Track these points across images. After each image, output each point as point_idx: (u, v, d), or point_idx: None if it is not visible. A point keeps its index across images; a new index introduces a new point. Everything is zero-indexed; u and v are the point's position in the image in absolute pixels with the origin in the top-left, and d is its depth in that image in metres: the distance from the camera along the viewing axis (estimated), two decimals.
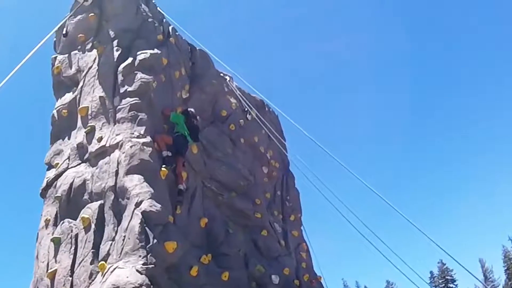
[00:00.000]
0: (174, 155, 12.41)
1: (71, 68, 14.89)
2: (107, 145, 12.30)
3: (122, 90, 13.10)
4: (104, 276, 10.05)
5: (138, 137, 12.08)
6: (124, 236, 10.37)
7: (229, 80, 17.14)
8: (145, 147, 11.78)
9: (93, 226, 11.23)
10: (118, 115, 12.74)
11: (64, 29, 15.42)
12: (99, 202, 11.56)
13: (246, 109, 16.67)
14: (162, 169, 11.80)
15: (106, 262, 10.34)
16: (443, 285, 58.42)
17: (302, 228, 17.19)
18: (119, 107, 12.86)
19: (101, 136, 12.55)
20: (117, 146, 12.09)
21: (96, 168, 12.19)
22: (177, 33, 16.00)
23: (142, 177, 11.24)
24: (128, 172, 11.37)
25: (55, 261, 11.44)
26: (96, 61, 14.15)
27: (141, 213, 10.41)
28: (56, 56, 15.62)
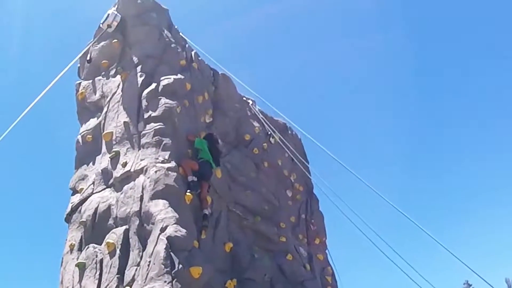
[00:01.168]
0: (199, 180, 12.40)
1: (95, 93, 15.03)
2: (132, 170, 12.33)
3: (146, 115, 13.17)
4: None
5: (162, 162, 12.09)
6: (149, 262, 10.32)
7: (251, 104, 17.17)
8: (169, 172, 11.77)
9: (118, 251, 11.19)
10: (143, 140, 12.78)
11: (88, 55, 15.57)
12: (124, 227, 11.54)
13: (269, 133, 16.66)
14: (187, 194, 11.78)
15: None
16: None
17: (327, 251, 17.04)
18: (143, 132, 12.91)
19: (126, 161, 12.59)
20: (142, 171, 12.11)
21: (121, 193, 12.20)
22: (199, 58, 16.09)
23: (167, 202, 11.21)
24: (153, 197, 11.36)
25: (80, 286, 11.40)
26: (120, 86, 14.27)
27: (166, 238, 10.36)
28: (80, 82, 15.77)
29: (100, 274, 11.22)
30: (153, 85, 13.68)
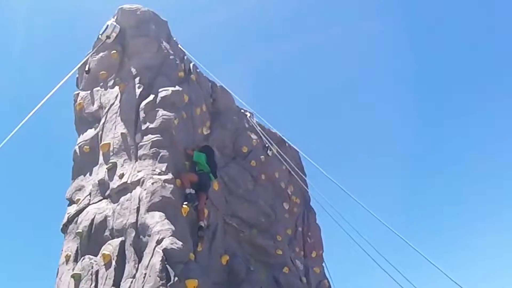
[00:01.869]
0: (197, 192, 12.41)
1: (93, 104, 15.04)
2: (129, 181, 12.31)
3: (143, 127, 13.19)
4: None
5: (159, 174, 12.09)
6: (145, 274, 10.28)
7: (249, 117, 17.19)
8: (166, 184, 11.77)
9: (113, 263, 11.16)
10: (140, 152, 12.79)
11: (87, 66, 15.61)
12: (120, 239, 11.50)
13: (266, 145, 16.66)
14: (184, 206, 11.78)
15: None
16: None
17: (323, 264, 16.99)
18: (140, 144, 12.92)
19: (123, 173, 12.58)
20: (139, 183, 12.10)
21: (118, 205, 12.17)
22: (198, 70, 16.12)
23: (164, 214, 11.18)
24: (150, 209, 11.34)
25: None
26: (118, 98, 14.28)
27: (162, 250, 10.32)
28: (79, 93, 15.79)
29: (96, 286, 11.16)
30: (151, 97, 13.71)
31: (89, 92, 15.41)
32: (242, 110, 17.21)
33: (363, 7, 49.21)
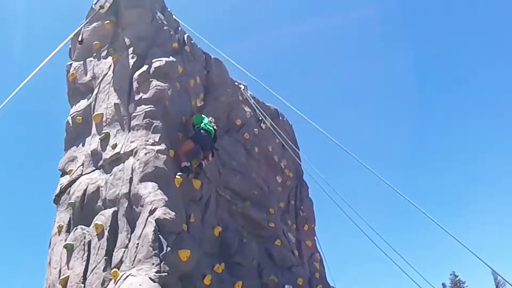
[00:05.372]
0: (202, 150, 12.72)
1: (86, 75, 14.91)
2: (122, 152, 12.27)
3: (137, 97, 13.11)
4: (116, 283, 9.99)
5: (152, 144, 12.05)
6: (138, 244, 10.30)
7: (243, 89, 17.10)
8: (159, 154, 11.73)
9: (106, 233, 11.16)
10: (133, 122, 12.73)
11: (80, 36, 15.43)
12: (112, 209, 11.49)
13: (260, 118, 16.62)
14: (177, 177, 11.75)
15: (119, 270, 10.28)
16: None
17: (315, 238, 17.08)
18: (134, 114, 12.86)
19: (116, 143, 12.53)
20: (132, 153, 12.06)
21: (110, 175, 12.15)
22: (192, 41, 16.00)
23: (156, 184, 11.19)
24: (142, 179, 11.33)
25: (68, 267, 11.35)
26: (111, 68, 14.17)
27: (155, 220, 10.35)
28: (71, 63, 15.63)
29: (88, 256, 11.18)
30: (145, 67, 13.62)
31: (82, 62, 15.26)
32: (236, 83, 17.11)
33: None
